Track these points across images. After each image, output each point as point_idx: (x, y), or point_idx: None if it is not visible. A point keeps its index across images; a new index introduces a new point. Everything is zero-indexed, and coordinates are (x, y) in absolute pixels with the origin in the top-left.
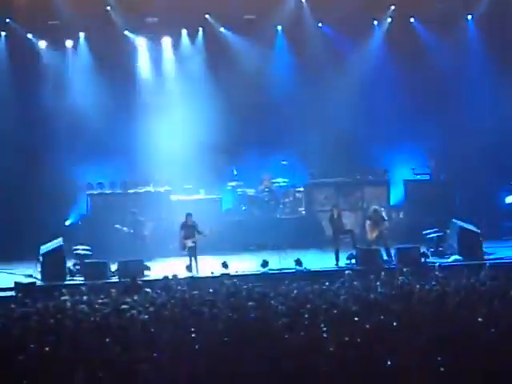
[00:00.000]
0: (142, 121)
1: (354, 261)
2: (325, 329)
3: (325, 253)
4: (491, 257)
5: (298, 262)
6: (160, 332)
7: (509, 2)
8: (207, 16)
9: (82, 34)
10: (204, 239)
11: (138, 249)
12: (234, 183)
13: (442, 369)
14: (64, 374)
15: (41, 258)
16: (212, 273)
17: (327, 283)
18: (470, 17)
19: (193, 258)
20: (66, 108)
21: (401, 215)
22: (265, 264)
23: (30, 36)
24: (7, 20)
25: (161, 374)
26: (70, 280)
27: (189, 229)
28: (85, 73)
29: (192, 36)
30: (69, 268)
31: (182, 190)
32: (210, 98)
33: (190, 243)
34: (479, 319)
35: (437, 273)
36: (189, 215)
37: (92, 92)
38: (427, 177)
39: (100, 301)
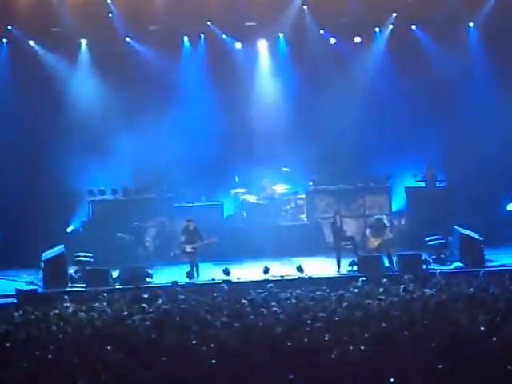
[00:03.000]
0: (144, 127)
1: (355, 268)
2: (326, 336)
3: (326, 259)
4: (493, 264)
5: (300, 269)
6: (161, 338)
7: (510, 8)
8: (209, 23)
9: (83, 41)
10: (205, 245)
11: (139, 255)
12: (235, 190)
13: (443, 376)
14: (66, 380)
15: (42, 265)
16: (213, 279)
17: (328, 290)
18: (471, 24)
19: (194, 265)
20: (68, 115)
21: (402, 222)
22: (266, 271)
23: (31, 43)
24: (9, 27)
25: (162, 379)
26: (71, 287)
27: (190, 234)
28: (86, 79)
29: (194, 43)
30: (70, 275)
31: (184, 197)
32: (212, 105)
33: (189, 248)
34: (481, 328)
35: (438, 280)
36: (189, 220)
37: (94, 98)
38: (423, 184)
39: (101, 308)
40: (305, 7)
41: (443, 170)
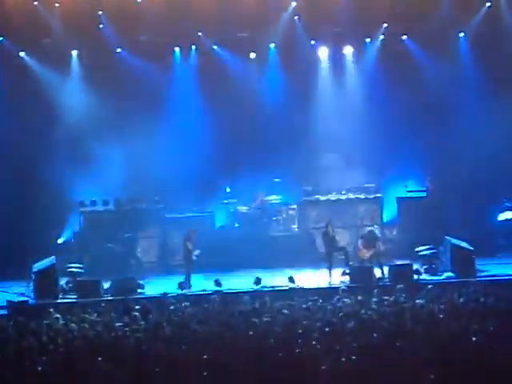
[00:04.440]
0: (135, 139)
1: (347, 278)
2: (318, 346)
3: (318, 270)
4: (484, 274)
5: (291, 280)
6: (151, 349)
7: (500, 18)
8: (200, 34)
9: (74, 52)
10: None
11: (130, 266)
12: (227, 200)
13: None
14: None
15: (33, 276)
16: (204, 290)
17: (320, 300)
18: (461, 34)
19: (189, 274)
20: (59, 126)
21: (394, 232)
22: (258, 281)
23: (22, 54)
24: (0, 38)
25: None
26: (62, 298)
27: (193, 243)
28: (77, 90)
29: (185, 54)
30: (61, 286)
31: (176, 208)
32: (204, 116)
33: (196, 252)
34: (473, 338)
35: (429, 290)
36: (192, 231)
37: (84, 110)
38: (422, 193)
39: (92, 319)
40: (295, 18)
41: (434, 180)
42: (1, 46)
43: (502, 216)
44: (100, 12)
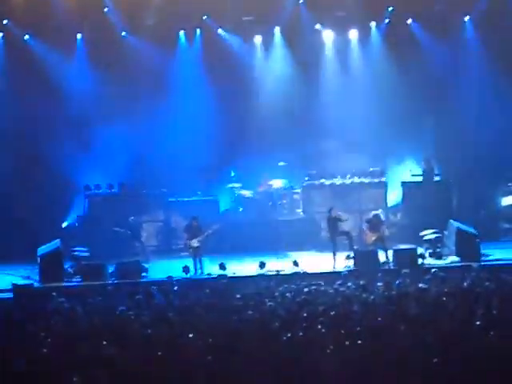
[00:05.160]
0: (139, 123)
1: (351, 262)
2: (323, 330)
3: (322, 254)
4: (488, 258)
5: (296, 264)
6: (157, 333)
7: (506, 2)
8: (205, 17)
9: (78, 36)
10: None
11: (135, 250)
12: (231, 185)
13: (438, 371)
14: (62, 375)
15: (38, 260)
16: (209, 274)
17: (324, 284)
18: (467, 18)
19: (197, 260)
20: (64, 109)
21: (398, 217)
22: (262, 265)
23: (27, 37)
24: (4, 21)
25: (157, 374)
26: (67, 281)
27: (193, 231)
28: (82, 74)
29: (190, 37)
30: (66, 270)
31: (180, 192)
32: (208, 100)
33: (195, 243)
34: (477, 322)
35: (434, 274)
36: (194, 219)
37: (89, 93)
38: (420, 178)
39: (97, 303)
40: (301, 1)
41: (438, 164)
42: (5, 29)
43: (506, 200)
44: None
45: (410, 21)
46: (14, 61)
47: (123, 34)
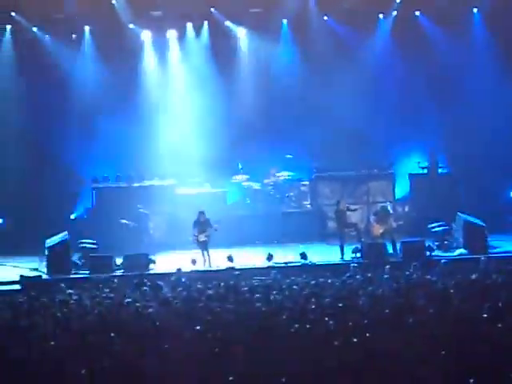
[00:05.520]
0: (147, 115)
1: (359, 254)
2: (331, 322)
3: (330, 246)
4: (496, 250)
5: (303, 256)
6: (165, 325)
7: None
8: (212, 9)
9: (87, 28)
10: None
11: (143, 242)
12: (239, 177)
13: (446, 363)
14: (70, 366)
15: (46, 252)
16: (217, 266)
17: (332, 276)
18: (475, 10)
19: (205, 252)
20: (71, 101)
21: (406, 209)
22: (270, 257)
23: (35, 29)
24: (13, 13)
25: (167, 366)
26: (75, 273)
27: (201, 225)
28: (90, 66)
29: (197, 29)
30: (74, 262)
31: (188, 184)
32: (216, 92)
33: (202, 238)
34: (484, 315)
35: (441, 266)
36: (201, 213)
37: (97, 85)
38: (426, 170)
39: (105, 295)
40: None
41: (446, 156)
42: (14, 22)
43: None
44: None
45: (418, 13)
46: (22, 53)
47: (131, 25)
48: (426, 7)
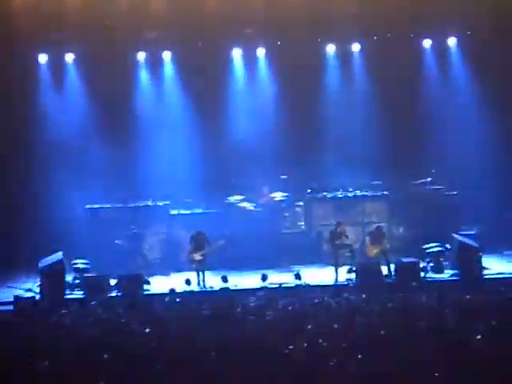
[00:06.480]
0: (141, 135)
1: (353, 275)
2: (325, 344)
3: (324, 267)
4: (491, 272)
5: (298, 276)
6: (159, 346)
7: (508, 18)
8: (207, 30)
9: (81, 49)
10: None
11: (137, 263)
12: (233, 197)
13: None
14: None
15: (40, 272)
16: (211, 287)
17: (326, 297)
18: (469, 32)
19: (200, 273)
20: (65, 123)
21: (401, 230)
22: (264, 278)
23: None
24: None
25: None
26: (69, 294)
27: (197, 243)
28: (84, 88)
29: (192, 50)
30: (68, 282)
31: (182, 204)
32: (210, 113)
33: (198, 256)
34: (477, 336)
35: (436, 287)
36: (198, 232)
37: (91, 107)
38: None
39: (99, 315)
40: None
41: (442, 176)
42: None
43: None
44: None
45: (412, 34)
46: (16, 73)
47: (126, 47)
48: (420, 28)
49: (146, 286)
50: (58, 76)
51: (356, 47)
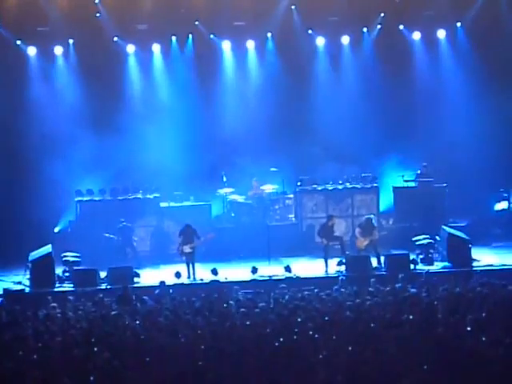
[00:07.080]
0: (131, 128)
1: (343, 267)
2: (315, 336)
3: (314, 259)
4: (480, 263)
5: (288, 269)
6: (149, 338)
7: (497, 9)
8: (197, 23)
9: (71, 41)
10: (202, 243)
11: (127, 256)
12: (223, 190)
13: (429, 377)
14: (52, 381)
15: (30, 265)
16: (201, 280)
17: (316, 290)
18: (458, 24)
19: (190, 265)
20: (55, 115)
21: (390, 222)
22: (254, 270)
23: (18, 42)
24: None
25: (149, 379)
26: (59, 287)
27: (187, 236)
28: (74, 80)
29: (182, 43)
30: (58, 275)
31: (172, 197)
32: (200, 105)
33: (187, 249)
34: (468, 328)
35: (425, 280)
36: (188, 225)
37: (81, 99)
38: (415, 183)
39: (89, 308)
40: (293, 7)
41: (431, 169)
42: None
43: (499, 206)
44: (97, 0)
45: (401, 27)
46: (5, 66)
47: (115, 39)
48: (410, 21)
49: (135, 279)
50: (47, 68)
51: (345, 40)
